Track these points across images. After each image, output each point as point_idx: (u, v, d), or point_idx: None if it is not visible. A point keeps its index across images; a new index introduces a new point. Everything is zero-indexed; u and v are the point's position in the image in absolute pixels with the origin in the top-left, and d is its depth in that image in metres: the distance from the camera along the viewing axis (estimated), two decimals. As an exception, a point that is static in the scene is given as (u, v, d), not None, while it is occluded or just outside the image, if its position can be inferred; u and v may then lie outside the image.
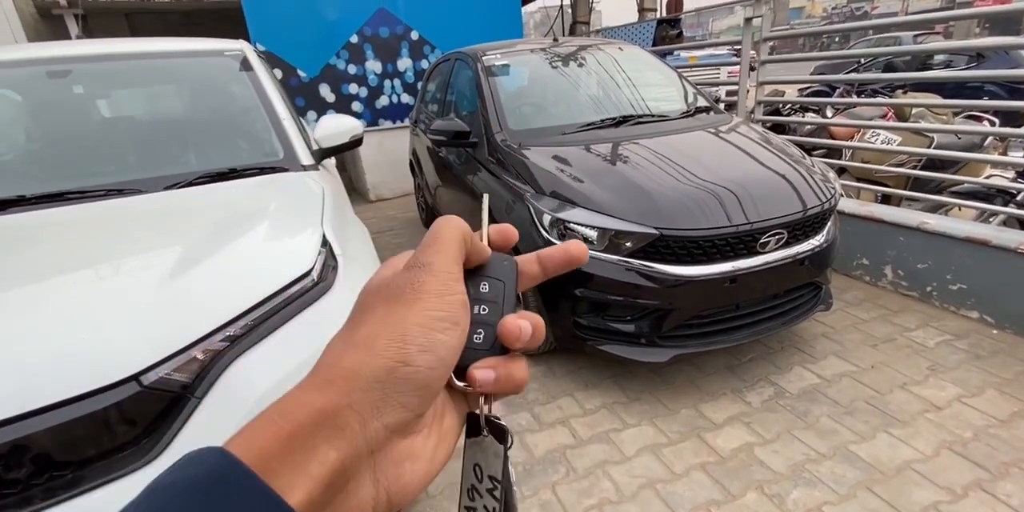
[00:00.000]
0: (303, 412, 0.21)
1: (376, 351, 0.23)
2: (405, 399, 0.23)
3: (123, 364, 0.86)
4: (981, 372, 2.10)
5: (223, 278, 1.06)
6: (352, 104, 5.21)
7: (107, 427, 0.85)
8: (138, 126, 1.82)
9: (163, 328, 0.93)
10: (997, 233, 2.42)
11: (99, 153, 1.65)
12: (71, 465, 0.83)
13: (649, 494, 1.67)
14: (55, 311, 0.93)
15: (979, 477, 1.62)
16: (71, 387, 0.82)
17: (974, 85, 6.59)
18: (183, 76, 1.95)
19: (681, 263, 1.93)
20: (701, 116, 2.76)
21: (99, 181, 1.52)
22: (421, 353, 0.23)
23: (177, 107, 1.92)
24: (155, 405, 0.88)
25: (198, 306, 0.98)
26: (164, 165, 1.68)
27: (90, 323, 0.91)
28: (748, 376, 2.21)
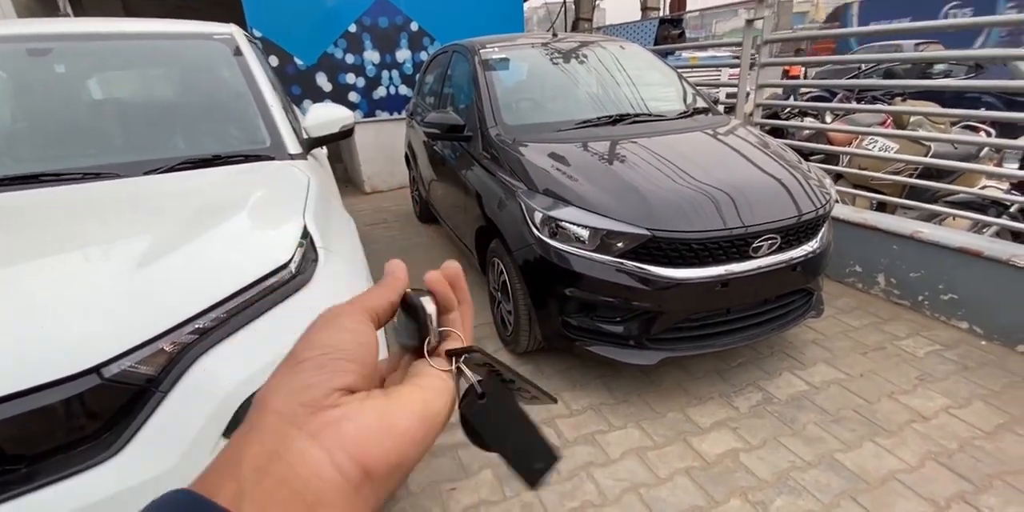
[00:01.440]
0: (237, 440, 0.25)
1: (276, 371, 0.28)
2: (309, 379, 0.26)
3: (83, 355, 0.82)
4: (969, 383, 2.10)
5: (195, 268, 1.02)
6: (349, 94, 5.14)
7: (65, 420, 0.81)
8: (119, 108, 1.76)
9: (129, 318, 0.88)
10: (990, 244, 2.41)
11: (76, 135, 1.60)
12: (25, 459, 0.79)
13: (632, 498, 1.65)
14: (15, 298, 0.89)
15: (963, 489, 1.61)
16: (26, 378, 0.78)
17: (972, 96, 6.61)
18: (168, 59, 1.90)
19: (673, 265, 1.90)
20: (699, 117, 2.73)
21: (76, 164, 1.47)
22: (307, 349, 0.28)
23: (161, 90, 1.86)
24: (117, 398, 0.84)
25: (167, 297, 0.94)
26: (145, 149, 1.62)
27: (51, 311, 0.87)
28: (737, 381, 2.19)
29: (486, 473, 1.78)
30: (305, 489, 0.22)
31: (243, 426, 0.25)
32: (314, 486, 0.23)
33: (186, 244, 1.06)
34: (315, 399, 0.25)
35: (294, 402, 0.25)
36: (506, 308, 2.38)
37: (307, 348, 0.27)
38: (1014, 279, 2.26)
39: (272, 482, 0.22)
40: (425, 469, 1.80)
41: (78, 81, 1.75)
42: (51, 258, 1.00)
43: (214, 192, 1.37)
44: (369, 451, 0.24)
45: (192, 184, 1.42)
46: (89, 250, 1.04)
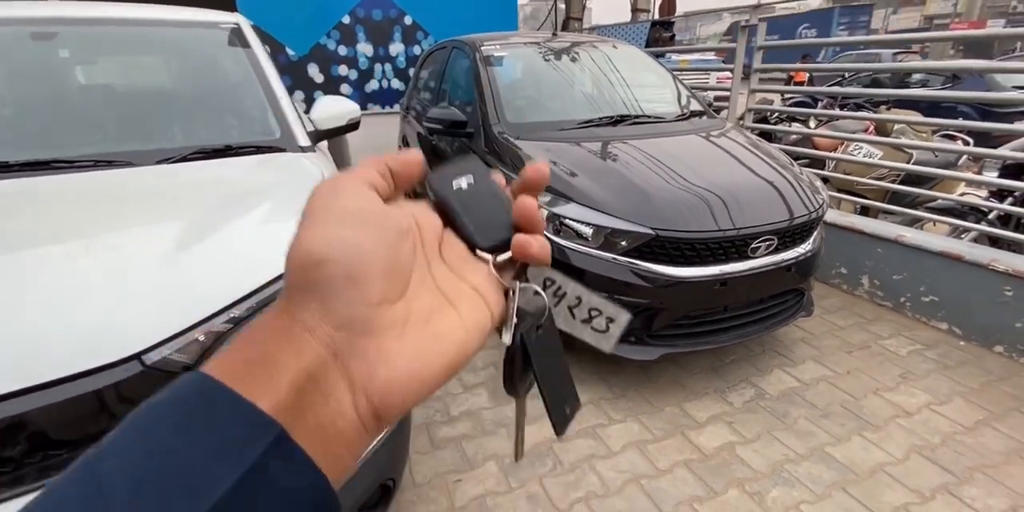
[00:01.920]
0: (263, 334, 0.23)
1: (287, 265, 0.24)
2: (339, 294, 0.23)
3: (125, 343, 0.82)
4: (949, 381, 2.20)
5: (227, 258, 1.02)
6: (341, 86, 5.10)
7: (107, 406, 0.81)
8: (128, 96, 1.73)
9: (166, 307, 0.89)
10: (970, 249, 2.52)
11: (86, 122, 1.57)
12: (68, 444, 0.79)
13: (634, 489, 1.69)
14: (54, 284, 0.88)
15: (946, 481, 1.70)
16: (71, 364, 0.78)
17: (948, 105, 6.86)
18: (176, 46, 1.87)
19: (675, 264, 1.95)
20: (696, 120, 2.79)
21: (86, 151, 1.45)
22: (321, 247, 0.23)
23: (169, 79, 1.83)
24: (156, 386, 0.84)
25: (202, 286, 0.95)
26: (155, 138, 1.60)
27: (91, 299, 0.87)
28: (730, 377, 2.25)
29: (490, 465, 1.81)
30: (330, 423, 0.22)
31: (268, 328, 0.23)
32: (338, 423, 0.23)
33: (216, 233, 1.06)
34: (352, 323, 0.23)
35: (326, 323, 0.23)
36: (507, 304, 2.41)
37: (325, 244, 0.23)
38: (992, 283, 2.37)
39: (306, 405, 0.22)
40: (430, 461, 1.82)
41: (84, 67, 1.72)
42: (81, 244, 0.99)
43: (233, 182, 1.37)
44: (390, 401, 0.24)
45: (209, 174, 1.41)
46: (119, 238, 1.03)
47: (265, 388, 0.21)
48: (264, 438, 0.20)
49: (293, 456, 0.20)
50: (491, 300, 0.28)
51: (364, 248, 0.24)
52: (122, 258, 0.97)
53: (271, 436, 0.20)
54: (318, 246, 0.23)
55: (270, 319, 0.23)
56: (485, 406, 2.11)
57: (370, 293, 0.24)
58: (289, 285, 0.24)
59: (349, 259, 0.23)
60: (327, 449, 0.22)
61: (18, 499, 0.76)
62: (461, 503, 1.67)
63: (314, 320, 0.23)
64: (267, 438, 0.20)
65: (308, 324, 0.23)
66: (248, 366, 0.22)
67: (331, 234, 0.24)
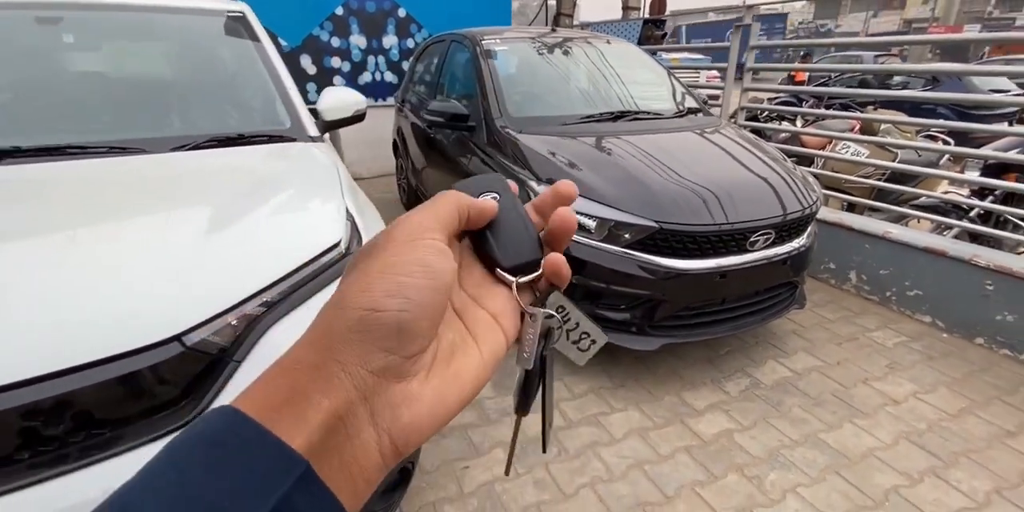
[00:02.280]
0: (296, 368, 0.23)
1: (346, 303, 0.24)
2: (384, 344, 0.24)
3: (166, 324, 0.84)
4: (934, 371, 2.29)
5: (256, 243, 1.03)
6: (334, 78, 5.05)
7: (149, 386, 0.82)
8: (137, 83, 1.71)
9: (202, 290, 0.90)
10: (953, 245, 2.62)
11: (95, 109, 1.55)
12: (110, 424, 0.81)
13: (638, 474, 1.75)
14: (90, 267, 0.89)
15: (933, 465, 1.78)
16: (114, 345, 0.79)
17: (928, 107, 7.06)
18: (185, 33, 1.85)
19: (676, 256, 2.00)
20: (693, 117, 2.85)
21: (98, 138, 1.44)
22: (387, 298, 0.24)
23: (178, 66, 1.82)
24: (195, 366, 0.86)
25: (235, 270, 0.96)
26: (166, 126, 1.60)
27: (128, 281, 0.88)
28: (726, 367, 2.32)
29: (497, 452, 1.84)
30: (353, 461, 0.23)
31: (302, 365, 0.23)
32: (361, 462, 0.24)
33: (244, 219, 1.07)
34: (387, 369, 0.24)
35: (365, 367, 0.24)
36: (508, 296, 2.44)
37: (389, 295, 0.24)
38: (974, 277, 2.47)
39: (331, 445, 0.23)
40: (436, 449, 1.85)
41: (91, 53, 1.70)
42: (113, 228, 1.00)
43: (252, 170, 1.37)
44: (411, 439, 0.25)
45: (227, 161, 1.42)
46: (149, 222, 1.04)
47: (296, 427, 0.21)
48: (291, 474, 0.20)
49: (318, 492, 0.21)
50: (507, 326, 0.29)
51: (422, 307, 0.25)
52: (154, 242, 0.97)
53: (298, 472, 0.21)
54: (382, 297, 0.24)
55: (307, 352, 0.24)
56: (488, 396, 2.14)
57: (412, 347, 0.25)
58: (341, 321, 0.24)
59: (404, 315, 0.24)
60: (349, 483, 0.23)
61: (61, 478, 0.77)
62: (470, 489, 1.70)
63: (353, 362, 0.23)
64: (294, 474, 0.20)
65: (346, 365, 0.23)
66: (281, 404, 0.22)
67: (398, 288, 0.24)
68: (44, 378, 0.75)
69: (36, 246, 0.94)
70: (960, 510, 1.60)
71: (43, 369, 0.75)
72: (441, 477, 1.74)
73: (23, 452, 0.77)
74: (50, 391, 0.75)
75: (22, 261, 0.89)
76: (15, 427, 0.75)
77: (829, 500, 1.64)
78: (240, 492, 0.19)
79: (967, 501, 1.63)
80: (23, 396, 0.74)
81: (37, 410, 0.76)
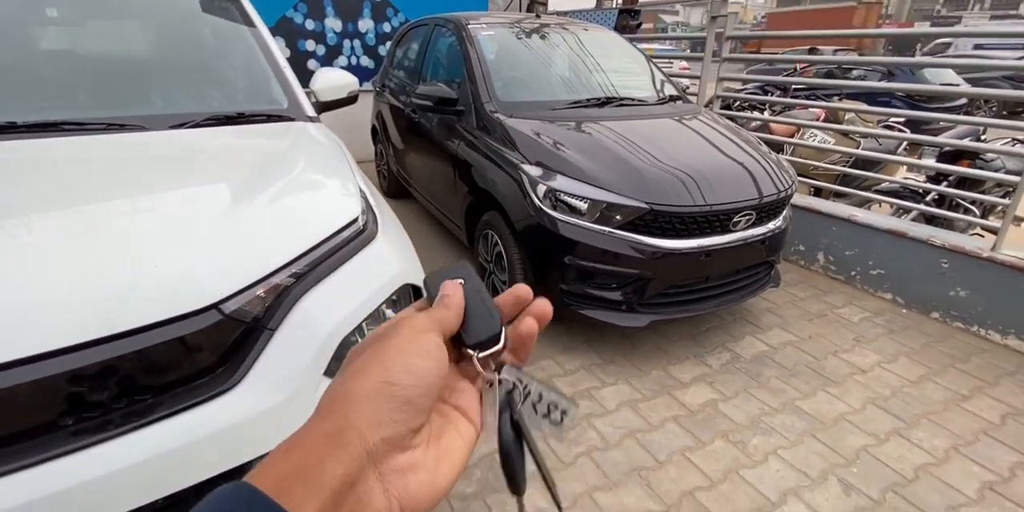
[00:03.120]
0: (312, 438, 0.25)
1: (367, 374, 0.28)
2: (395, 415, 0.27)
3: (205, 292, 0.85)
4: (895, 343, 2.47)
5: (281, 218, 1.05)
6: (308, 62, 4.94)
7: (189, 353, 0.84)
8: (129, 60, 1.66)
9: (235, 261, 0.91)
10: (911, 227, 2.81)
11: (89, 85, 1.51)
12: (152, 390, 0.82)
13: (631, 442, 1.84)
14: (124, 237, 0.89)
15: (897, 426, 1.94)
16: (157, 312, 0.80)
17: (884, 99, 7.41)
18: (173, 11, 1.80)
19: (664, 236, 2.09)
20: (676, 104, 2.94)
21: (94, 114, 1.41)
22: (403, 373, 0.28)
23: (170, 44, 1.77)
24: (232, 334, 0.88)
25: (263, 241, 0.98)
26: (163, 104, 1.57)
27: (164, 251, 0.89)
28: (708, 343, 2.44)
29: (496, 426, 1.90)
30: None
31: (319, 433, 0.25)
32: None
33: (263, 193, 1.08)
34: (395, 439, 0.26)
35: (377, 434, 0.26)
36: (500, 278, 2.49)
37: (403, 371, 0.28)
38: (930, 256, 2.66)
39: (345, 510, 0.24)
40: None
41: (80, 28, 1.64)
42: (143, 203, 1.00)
43: (259, 147, 1.37)
44: (418, 506, 0.27)
45: (232, 138, 1.41)
46: (176, 196, 1.04)
47: (312, 493, 0.23)
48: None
49: None
50: (472, 415, 0.33)
51: (428, 385, 0.28)
52: (184, 216, 0.98)
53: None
54: (397, 372, 0.27)
55: (321, 422, 0.26)
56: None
57: (416, 420, 0.28)
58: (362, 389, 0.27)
59: (414, 390, 0.27)
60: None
61: (106, 443, 0.79)
62: (473, 461, 1.76)
63: (366, 428, 0.26)
64: None
65: (360, 430, 0.25)
66: (298, 471, 0.23)
67: (410, 367, 0.28)
68: (92, 344, 0.76)
69: (70, 220, 0.93)
70: (922, 465, 1.76)
71: (90, 335, 0.76)
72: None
73: (68, 418, 0.78)
74: (97, 357, 0.76)
75: (53, 235, 0.89)
76: (63, 392, 0.76)
77: (807, 460, 1.77)
78: None
79: (928, 457, 1.79)
80: (72, 361, 0.75)
81: (84, 375, 0.77)
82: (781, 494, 1.64)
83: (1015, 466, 1.76)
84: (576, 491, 1.64)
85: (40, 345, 0.76)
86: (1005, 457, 1.80)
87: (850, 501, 1.62)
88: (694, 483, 1.68)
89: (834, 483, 1.68)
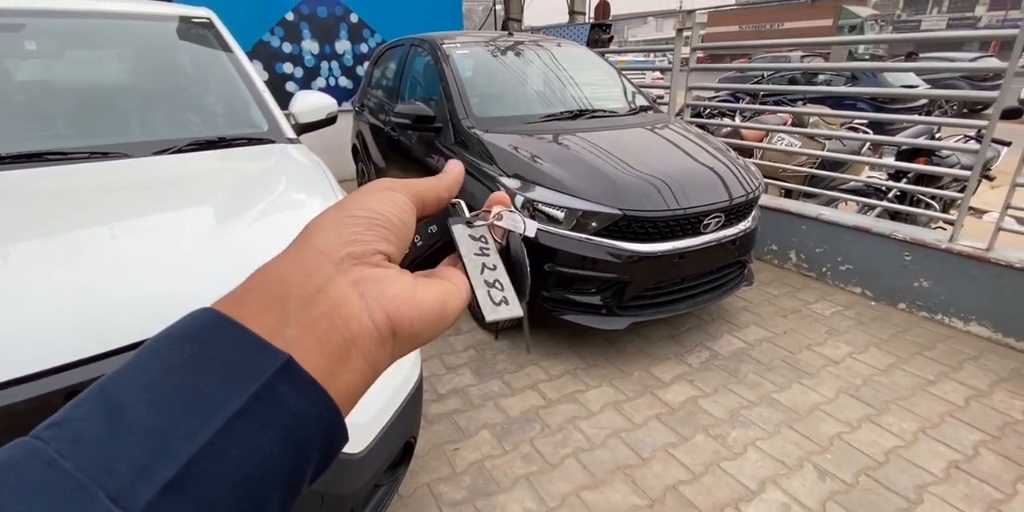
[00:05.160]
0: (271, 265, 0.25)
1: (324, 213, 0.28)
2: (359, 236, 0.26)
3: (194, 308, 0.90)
4: (865, 334, 2.57)
5: (265, 236, 1.10)
6: (286, 84, 5.01)
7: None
8: (112, 89, 1.71)
9: (222, 279, 0.97)
10: (876, 223, 2.94)
11: (69, 115, 1.56)
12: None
13: (616, 442, 1.90)
14: (116, 259, 0.94)
15: (868, 413, 2.02)
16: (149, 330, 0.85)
17: (849, 102, 7.68)
18: (148, 40, 1.86)
19: (638, 241, 2.17)
20: (646, 114, 3.05)
21: (77, 144, 1.46)
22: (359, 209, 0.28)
23: (153, 72, 1.83)
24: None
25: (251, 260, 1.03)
26: (145, 131, 1.62)
27: (153, 271, 0.94)
28: (687, 343, 2.52)
29: (484, 433, 1.95)
30: (344, 327, 0.24)
31: (281, 257, 0.25)
32: (352, 327, 0.24)
33: (245, 215, 1.13)
34: (362, 253, 0.26)
35: (342, 250, 0.25)
36: (483, 287, 2.55)
37: (359, 207, 0.28)
38: (894, 250, 2.78)
39: (317, 313, 0.23)
40: (426, 435, 1.94)
41: (57, 60, 1.69)
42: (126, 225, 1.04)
43: (243, 171, 1.43)
44: (401, 314, 0.26)
45: (213, 163, 1.46)
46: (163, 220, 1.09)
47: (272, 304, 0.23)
48: (271, 364, 0.21)
49: (300, 380, 0.22)
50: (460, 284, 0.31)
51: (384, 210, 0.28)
52: (170, 237, 1.03)
53: (279, 362, 0.21)
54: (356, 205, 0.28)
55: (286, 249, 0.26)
56: (470, 383, 2.24)
57: (381, 242, 0.27)
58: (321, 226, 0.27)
59: (374, 214, 0.28)
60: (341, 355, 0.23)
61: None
62: (461, 468, 1.80)
63: (331, 248, 0.25)
64: (274, 364, 0.21)
65: (324, 250, 0.25)
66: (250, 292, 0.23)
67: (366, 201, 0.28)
68: (88, 361, 0.81)
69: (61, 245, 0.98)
70: (892, 448, 1.84)
71: (86, 352, 0.81)
72: (432, 460, 1.83)
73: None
74: (94, 373, 0.81)
75: (44, 259, 0.94)
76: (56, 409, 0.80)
77: (784, 450, 1.85)
78: (223, 379, 0.20)
79: (898, 440, 1.88)
80: (68, 379, 0.80)
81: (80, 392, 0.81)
82: (760, 483, 1.71)
83: (978, 444, 1.85)
84: (563, 491, 1.69)
85: (37, 363, 0.81)
86: (969, 436, 1.89)
87: (825, 486, 1.69)
88: (677, 477, 1.74)
89: (810, 469, 1.76)
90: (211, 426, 0.19)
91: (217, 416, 0.19)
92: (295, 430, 0.21)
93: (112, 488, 0.17)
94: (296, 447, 0.21)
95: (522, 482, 1.74)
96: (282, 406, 0.21)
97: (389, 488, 1.29)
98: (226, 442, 0.19)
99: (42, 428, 0.18)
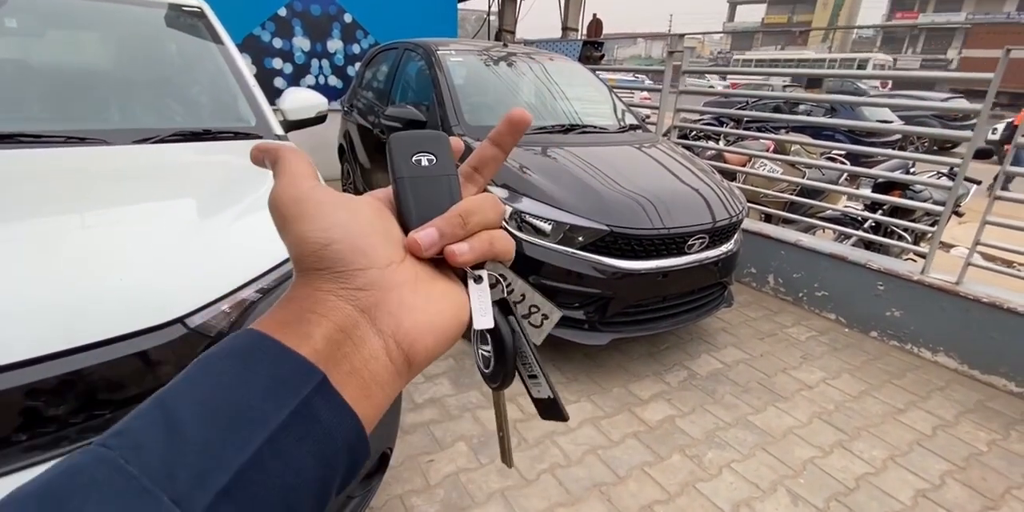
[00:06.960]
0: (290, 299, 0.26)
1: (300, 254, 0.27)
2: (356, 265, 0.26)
3: (169, 306, 0.85)
4: (838, 360, 2.62)
5: (247, 232, 1.06)
6: (275, 80, 4.93)
7: (151, 367, 0.84)
8: (92, 74, 1.64)
9: (202, 276, 0.92)
10: (851, 251, 3.01)
11: (46, 96, 1.49)
12: (112, 404, 0.81)
13: (593, 458, 1.87)
14: (87, 251, 0.88)
15: (840, 438, 2.05)
16: (120, 325, 0.80)
17: (828, 133, 7.94)
18: (139, 26, 1.80)
19: (624, 258, 2.18)
20: (635, 132, 3.09)
21: (50, 127, 1.39)
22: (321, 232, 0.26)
23: (138, 59, 1.76)
24: (197, 349, 0.88)
25: (229, 256, 0.98)
26: (126, 118, 1.55)
27: (128, 265, 0.88)
28: (666, 361, 2.52)
29: (460, 445, 1.91)
30: (364, 367, 0.25)
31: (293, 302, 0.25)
32: (371, 366, 0.25)
33: (230, 208, 1.09)
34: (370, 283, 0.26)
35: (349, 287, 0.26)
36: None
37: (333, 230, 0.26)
38: (868, 279, 2.85)
39: (341, 354, 0.24)
40: (401, 445, 1.88)
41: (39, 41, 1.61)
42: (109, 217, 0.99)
43: (227, 163, 1.38)
44: (416, 346, 0.26)
45: (198, 155, 1.41)
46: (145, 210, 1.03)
47: (303, 341, 0.24)
48: (309, 382, 0.23)
49: (333, 397, 0.23)
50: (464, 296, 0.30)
51: (357, 223, 0.27)
52: (151, 231, 0.98)
53: (315, 380, 0.23)
54: (320, 234, 0.26)
55: (294, 290, 0.26)
56: (448, 394, 2.20)
57: (378, 257, 0.27)
58: (305, 269, 0.26)
59: (351, 235, 0.26)
60: (363, 392, 0.24)
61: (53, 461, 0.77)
62: (436, 481, 1.75)
63: (336, 287, 0.25)
64: (312, 382, 0.23)
65: (331, 290, 0.25)
66: (286, 324, 0.24)
67: (324, 222, 0.26)
68: (49, 357, 0.75)
69: (31, 232, 0.92)
70: (863, 475, 1.86)
71: (48, 349, 0.75)
72: (406, 471, 1.78)
73: (22, 434, 0.76)
74: (55, 370, 0.75)
75: (10, 247, 0.88)
76: (17, 407, 0.75)
77: (758, 472, 1.85)
78: (267, 395, 0.22)
79: (868, 467, 1.90)
80: (28, 375, 0.74)
81: (41, 390, 0.75)
82: (734, 505, 1.70)
83: (944, 474, 1.88)
84: (539, 508, 1.66)
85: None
86: (936, 466, 1.92)
87: (797, 511, 1.69)
88: (652, 497, 1.72)
89: (783, 494, 1.76)
90: (257, 438, 0.21)
91: (263, 429, 0.21)
92: (327, 444, 0.22)
93: (173, 492, 0.18)
94: (326, 460, 0.22)
95: (497, 497, 1.70)
96: (317, 421, 0.22)
97: (362, 500, 1.24)
98: (270, 454, 0.21)
99: (107, 436, 0.20)
